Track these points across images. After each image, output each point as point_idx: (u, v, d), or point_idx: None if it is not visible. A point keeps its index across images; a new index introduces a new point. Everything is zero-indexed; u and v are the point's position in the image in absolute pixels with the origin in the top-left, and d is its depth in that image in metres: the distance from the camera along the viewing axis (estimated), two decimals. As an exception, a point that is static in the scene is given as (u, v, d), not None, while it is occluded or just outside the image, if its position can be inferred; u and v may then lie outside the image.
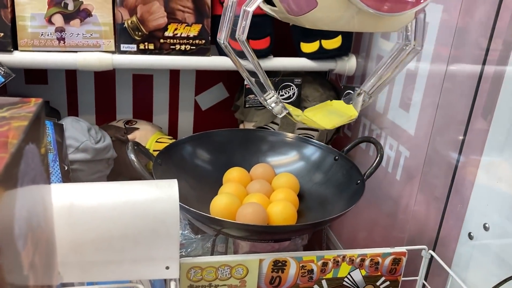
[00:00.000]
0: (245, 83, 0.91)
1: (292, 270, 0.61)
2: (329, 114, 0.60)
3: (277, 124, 0.95)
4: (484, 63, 0.60)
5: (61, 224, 0.45)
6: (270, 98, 0.51)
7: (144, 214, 0.47)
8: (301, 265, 0.61)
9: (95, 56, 0.82)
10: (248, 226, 0.64)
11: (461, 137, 0.65)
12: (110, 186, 0.49)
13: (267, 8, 0.52)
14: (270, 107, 0.51)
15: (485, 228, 0.61)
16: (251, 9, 0.44)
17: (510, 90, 0.57)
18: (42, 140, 0.32)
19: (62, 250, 0.45)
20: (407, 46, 0.52)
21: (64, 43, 0.81)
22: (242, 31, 0.45)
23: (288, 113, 0.52)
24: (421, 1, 0.45)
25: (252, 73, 0.49)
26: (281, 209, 0.68)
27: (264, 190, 0.74)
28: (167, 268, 0.50)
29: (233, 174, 0.78)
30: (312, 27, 0.45)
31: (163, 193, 0.48)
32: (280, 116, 0.52)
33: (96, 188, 0.48)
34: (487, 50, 0.60)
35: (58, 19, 0.79)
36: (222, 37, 0.48)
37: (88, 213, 0.46)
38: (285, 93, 0.92)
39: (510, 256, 0.57)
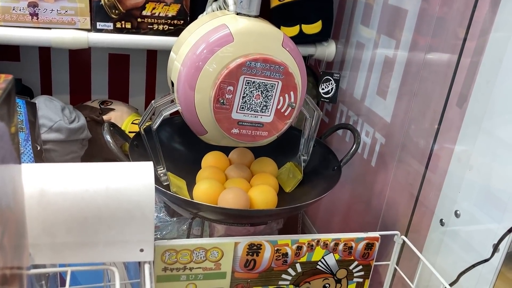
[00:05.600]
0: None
1: (267, 253, 0.61)
2: (288, 177, 0.77)
3: (255, 108, 0.95)
4: (461, 52, 0.61)
5: (32, 204, 0.44)
6: (161, 170, 0.68)
7: (118, 196, 0.47)
8: (276, 248, 0.61)
9: (70, 33, 0.79)
10: (224, 209, 0.64)
11: (436, 126, 0.66)
12: (84, 167, 0.48)
13: None
14: (159, 176, 0.68)
15: (456, 215, 0.62)
16: (154, 127, 0.64)
17: (485, 79, 0.57)
18: (12, 119, 0.31)
19: (34, 231, 0.44)
20: (312, 117, 0.71)
21: (37, 19, 0.78)
22: (156, 125, 0.64)
23: (168, 184, 0.69)
24: (274, 132, 0.64)
25: (154, 151, 0.66)
26: (263, 194, 0.68)
27: (243, 175, 0.74)
28: (142, 250, 0.49)
29: (212, 158, 0.77)
30: (209, 142, 0.66)
31: (139, 175, 0.48)
32: (164, 184, 0.69)
33: (69, 169, 0.47)
34: (464, 40, 0.61)
35: (31, -6, 0.77)
36: (140, 123, 0.67)
37: (61, 195, 0.45)
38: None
39: (478, 243, 0.59)
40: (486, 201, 0.57)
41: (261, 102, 0.61)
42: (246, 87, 0.59)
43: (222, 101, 0.59)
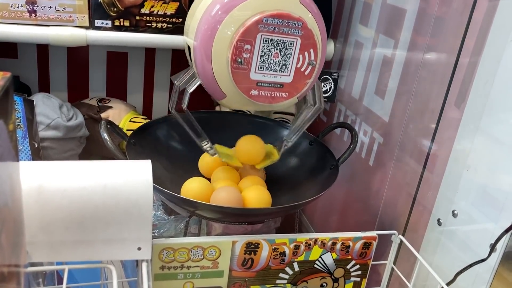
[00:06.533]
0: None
1: (265, 252, 0.61)
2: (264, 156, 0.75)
3: (254, 107, 0.95)
4: (459, 52, 0.61)
5: (30, 202, 0.44)
6: (206, 145, 0.69)
7: (116, 194, 0.47)
8: (273, 247, 0.61)
9: (68, 31, 0.79)
10: (222, 208, 0.64)
11: (434, 125, 0.66)
12: (81, 165, 0.47)
13: None
14: (205, 150, 0.69)
15: (454, 215, 0.62)
16: (185, 106, 0.63)
17: (483, 80, 0.58)
18: (10, 116, 0.31)
19: (31, 229, 0.44)
20: (313, 106, 0.69)
21: (35, 16, 0.78)
22: (186, 104, 0.64)
23: (218, 155, 0.70)
24: (294, 93, 0.62)
25: (192, 127, 0.67)
26: (256, 194, 0.68)
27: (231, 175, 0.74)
28: (139, 249, 0.49)
29: (209, 157, 0.77)
30: (228, 107, 0.66)
31: (137, 173, 0.48)
32: (213, 156, 0.71)
33: (67, 166, 0.47)
34: (463, 39, 0.61)
35: (29, -9, 0.76)
36: (170, 106, 0.66)
37: (58, 192, 0.45)
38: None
39: (475, 242, 0.59)
40: (484, 201, 0.58)
41: (280, 61, 0.59)
42: (264, 45, 0.58)
43: (240, 60, 0.57)
